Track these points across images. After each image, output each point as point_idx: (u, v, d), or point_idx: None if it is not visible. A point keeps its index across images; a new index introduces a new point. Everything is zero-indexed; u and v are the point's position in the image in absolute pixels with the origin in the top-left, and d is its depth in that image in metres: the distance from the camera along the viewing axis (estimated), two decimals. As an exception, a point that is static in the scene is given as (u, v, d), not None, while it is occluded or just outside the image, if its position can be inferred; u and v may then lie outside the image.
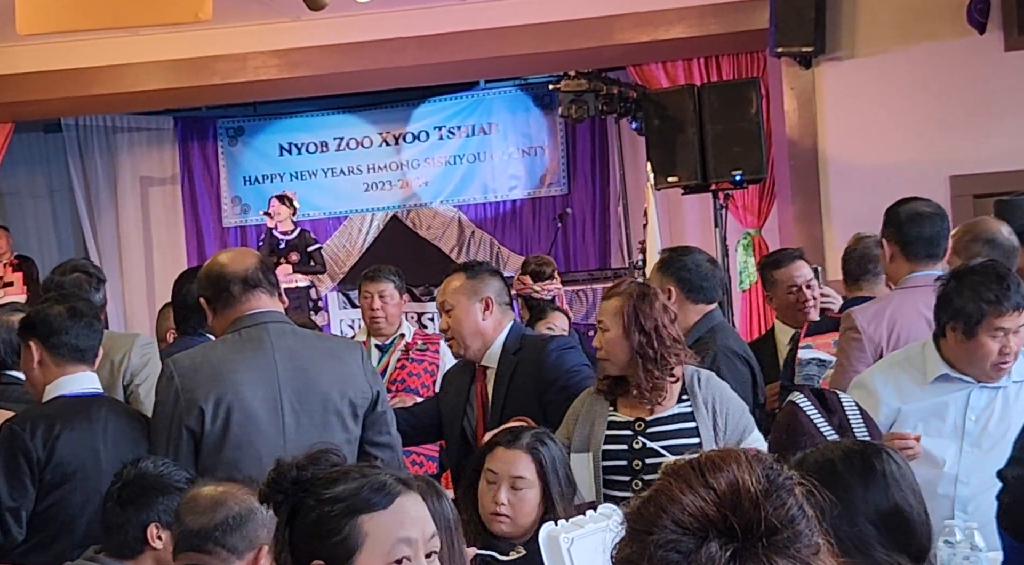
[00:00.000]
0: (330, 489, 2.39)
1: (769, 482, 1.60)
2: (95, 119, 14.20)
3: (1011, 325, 4.14)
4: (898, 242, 4.98)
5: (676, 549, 1.56)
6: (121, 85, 10.67)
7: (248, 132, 14.74)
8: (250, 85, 10.84)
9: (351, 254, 14.46)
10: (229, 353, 4.40)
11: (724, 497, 1.58)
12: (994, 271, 4.16)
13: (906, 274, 4.98)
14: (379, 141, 14.60)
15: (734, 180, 9.31)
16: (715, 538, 1.55)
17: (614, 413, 4.51)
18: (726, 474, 1.59)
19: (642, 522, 1.62)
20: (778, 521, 1.57)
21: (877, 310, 4.98)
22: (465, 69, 11.55)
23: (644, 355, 4.40)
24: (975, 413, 4.27)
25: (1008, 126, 9.03)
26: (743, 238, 10.86)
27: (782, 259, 6.27)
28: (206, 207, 14.62)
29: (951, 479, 4.25)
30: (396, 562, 2.36)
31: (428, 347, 6.98)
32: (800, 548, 1.57)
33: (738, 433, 4.49)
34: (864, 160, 9.33)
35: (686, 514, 1.58)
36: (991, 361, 4.20)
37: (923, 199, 5.13)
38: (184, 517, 3.34)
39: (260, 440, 4.30)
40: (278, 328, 4.44)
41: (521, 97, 14.28)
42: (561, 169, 14.25)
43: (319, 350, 4.51)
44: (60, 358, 4.44)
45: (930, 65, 9.26)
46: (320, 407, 4.39)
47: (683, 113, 9.43)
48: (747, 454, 1.64)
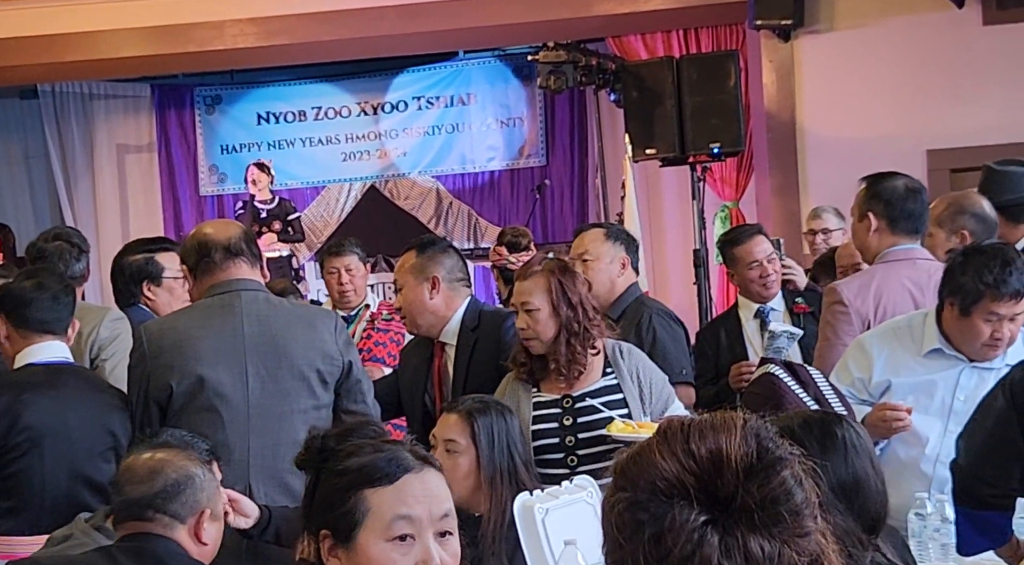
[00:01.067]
0: (345, 462, 2.41)
1: (759, 456, 1.55)
2: (71, 86, 14.11)
3: (1006, 312, 4.13)
4: (887, 217, 4.96)
5: (646, 509, 1.54)
6: (97, 51, 10.59)
7: (226, 100, 14.67)
8: (227, 53, 10.77)
9: (329, 224, 14.43)
10: (197, 319, 4.46)
11: (703, 465, 1.54)
12: (1002, 255, 4.14)
13: (888, 247, 4.98)
14: (357, 111, 14.56)
15: (712, 153, 9.30)
16: (687, 505, 1.52)
17: (538, 393, 4.50)
18: (711, 441, 1.56)
19: (624, 479, 1.60)
20: (760, 498, 1.52)
21: (862, 284, 4.98)
22: (444, 39, 11.50)
23: (571, 330, 4.40)
24: (964, 393, 4.27)
25: (986, 100, 9.05)
26: (721, 211, 10.88)
27: (740, 236, 6.26)
28: (183, 175, 14.56)
29: (932, 459, 4.27)
30: (398, 539, 2.35)
31: (393, 317, 7.00)
32: (784, 530, 1.52)
33: (662, 402, 4.52)
34: (842, 133, 9.34)
35: (661, 478, 1.55)
36: (981, 342, 4.21)
37: (903, 174, 5.14)
38: (123, 487, 3.33)
39: (223, 405, 4.35)
40: (251, 295, 4.46)
41: (500, 68, 14.25)
42: (539, 140, 14.24)
43: (290, 317, 4.53)
44: (26, 331, 4.47)
45: (909, 39, 9.28)
46: (286, 373, 4.41)
47: (661, 85, 9.41)
48: (749, 423, 1.59)
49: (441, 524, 2.40)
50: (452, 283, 5.07)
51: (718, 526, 1.51)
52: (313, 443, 2.52)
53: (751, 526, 1.51)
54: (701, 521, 1.51)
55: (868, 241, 5.07)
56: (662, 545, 1.51)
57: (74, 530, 3.69)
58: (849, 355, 4.51)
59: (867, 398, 4.36)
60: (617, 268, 5.61)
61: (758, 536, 1.51)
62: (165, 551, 3.26)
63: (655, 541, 1.52)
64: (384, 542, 2.34)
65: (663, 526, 1.52)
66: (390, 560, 2.34)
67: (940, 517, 3.81)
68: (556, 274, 4.46)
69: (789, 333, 4.27)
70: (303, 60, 12.54)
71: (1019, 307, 4.13)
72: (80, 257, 5.60)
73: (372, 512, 2.35)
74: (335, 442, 2.50)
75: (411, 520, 2.35)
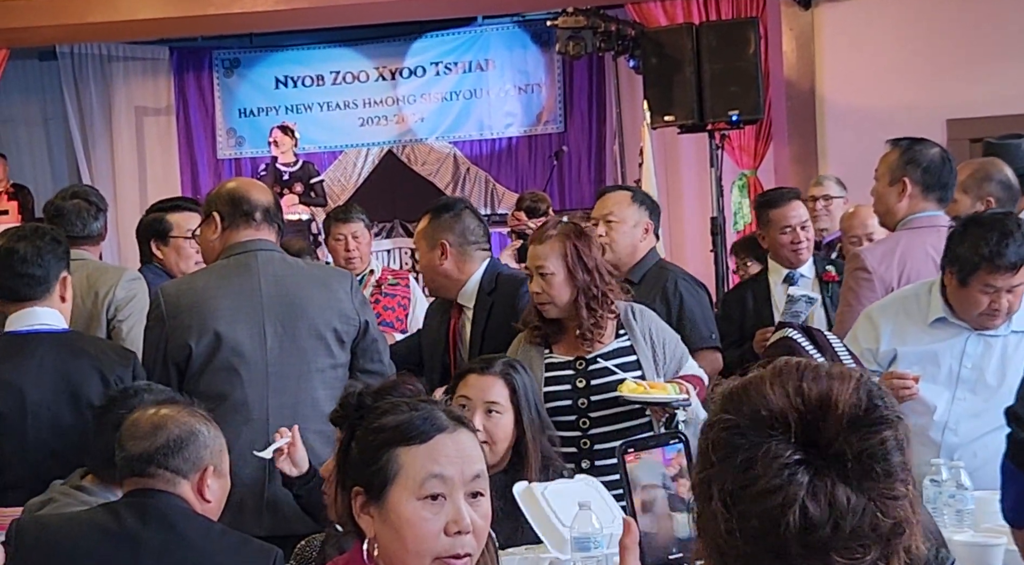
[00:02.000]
0: (380, 419, 2.43)
1: (867, 411, 1.55)
2: (90, 47, 14.11)
3: (1003, 284, 4.11)
4: (923, 184, 4.94)
5: (744, 435, 1.55)
6: (116, 13, 10.59)
7: (244, 64, 14.66)
8: (246, 16, 10.77)
9: (346, 188, 14.44)
10: (214, 279, 4.48)
11: (810, 405, 1.55)
12: (1001, 226, 4.10)
13: (914, 213, 4.97)
14: (375, 76, 14.54)
15: (730, 120, 9.28)
16: (785, 441, 1.53)
17: (551, 355, 4.50)
18: (823, 385, 1.56)
19: (728, 402, 1.61)
20: (858, 451, 1.53)
21: (886, 250, 4.97)
22: (463, 4, 11.50)
23: (588, 293, 4.39)
24: (971, 361, 4.27)
25: (1006, 70, 9.01)
26: (738, 179, 10.85)
27: (778, 199, 6.24)
28: (201, 138, 14.57)
29: (940, 426, 4.26)
30: (430, 498, 2.36)
31: (399, 281, 7.09)
32: (873, 487, 1.52)
33: (676, 362, 4.53)
34: (861, 102, 9.31)
35: (765, 408, 1.56)
36: (979, 312, 4.19)
37: (932, 141, 5.13)
38: (125, 443, 3.30)
39: (242, 364, 4.37)
40: (267, 255, 4.49)
41: (519, 34, 14.21)
42: (558, 107, 14.21)
43: (306, 277, 4.55)
44: (3, 298, 4.33)
45: (929, 7, 9.23)
46: (304, 332, 4.43)
47: (681, 52, 9.38)
48: (864, 378, 1.59)
49: (473, 485, 2.41)
50: (464, 247, 5.07)
51: (810, 468, 1.52)
52: (349, 400, 2.53)
53: (842, 475, 1.52)
54: (795, 459, 1.52)
55: (896, 206, 5.02)
56: (751, 472, 1.53)
57: (52, 494, 3.67)
58: (858, 326, 4.50)
59: (876, 368, 4.35)
60: (640, 232, 5.59)
61: (847, 486, 1.52)
62: (168, 506, 3.24)
63: (746, 467, 1.54)
64: (416, 500, 2.35)
65: (757, 454, 1.53)
66: (421, 518, 2.35)
67: (955, 483, 3.81)
68: (571, 238, 4.44)
69: (808, 298, 4.27)
70: (322, 24, 12.53)
71: (1017, 278, 4.10)
72: (98, 216, 5.51)
73: (404, 470, 2.36)
74: (372, 399, 2.51)
75: (443, 479, 2.36)
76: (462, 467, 2.40)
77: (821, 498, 1.51)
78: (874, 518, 1.52)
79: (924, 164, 4.95)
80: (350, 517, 2.44)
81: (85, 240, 5.36)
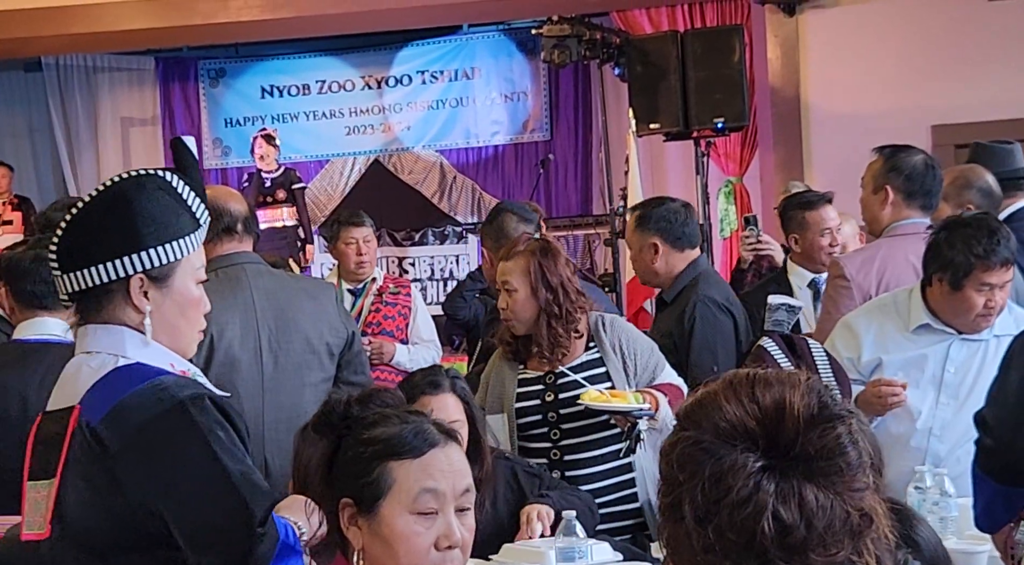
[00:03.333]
0: (371, 431, 2.40)
1: (820, 410, 1.58)
2: (75, 58, 14.09)
3: (997, 281, 4.14)
4: (905, 191, 4.94)
5: (706, 450, 1.58)
6: (101, 24, 10.59)
7: (230, 74, 14.64)
8: (232, 26, 10.77)
9: (332, 198, 14.42)
10: (208, 293, 4.42)
11: (766, 412, 1.58)
12: (987, 225, 4.15)
13: (898, 221, 4.96)
14: (361, 84, 14.53)
15: (716, 127, 9.31)
16: (747, 449, 1.56)
17: (524, 371, 4.52)
18: (775, 391, 1.59)
19: (686, 420, 1.63)
20: (818, 448, 1.56)
21: (866, 258, 4.98)
22: (449, 13, 11.49)
23: (550, 312, 4.39)
24: (954, 365, 4.28)
25: (990, 76, 9.04)
26: (724, 186, 10.87)
27: (816, 201, 6.11)
28: (187, 148, 14.52)
29: (924, 433, 4.27)
30: (422, 513, 2.35)
31: (400, 290, 7.04)
32: (837, 481, 1.56)
33: (649, 371, 4.52)
34: (846, 108, 9.34)
35: (724, 420, 1.58)
36: (975, 313, 4.21)
37: (918, 148, 5.13)
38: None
39: (239, 378, 4.33)
40: (255, 269, 4.47)
41: (504, 42, 14.21)
42: (544, 115, 14.21)
43: (295, 290, 4.55)
44: (22, 304, 4.34)
45: (913, 14, 9.26)
46: (298, 346, 4.42)
47: (666, 60, 9.41)
48: (807, 379, 1.63)
49: (462, 500, 2.41)
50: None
51: (775, 472, 1.55)
52: (335, 408, 2.47)
53: (807, 474, 1.55)
54: (758, 467, 1.55)
55: (880, 214, 5.02)
56: (720, 486, 1.55)
57: None
58: (836, 335, 4.49)
59: (857, 377, 4.34)
60: (650, 254, 5.33)
61: (813, 485, 1.55)
62: None
63: (714, 481, 1.56)
64: (408, 515, 2.35)
65: (723, 467, 1.56)
66: (413, 533, 2.35)
67: (939, 490, 3.82)
68: (537, 255, 4.43)
69: (788, 306, 4.25)
70: (307, 33, 12.53)
71: (1008, 274, 4.15)
72: None
73: (398, 484, 2.35)
74: (359, 409, 2.47)
75: (436, 494, 2.36)
76: (454, 481, 2.39)
77: (791, 501, 1.54)
78: (843, 512, 1.55)
79: (906, 171, 4.95)
80: (336, 529, 2.42)
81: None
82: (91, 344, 2.71)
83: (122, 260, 2.67)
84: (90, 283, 2.68)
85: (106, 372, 2.65)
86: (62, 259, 2.70)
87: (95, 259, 2.67)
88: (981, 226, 4.15)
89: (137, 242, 2.68)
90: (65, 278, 2.70)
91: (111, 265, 2.67)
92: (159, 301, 2.73)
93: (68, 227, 2.71)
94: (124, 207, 2.71)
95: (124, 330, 2.70)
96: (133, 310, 2.70)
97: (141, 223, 2.69)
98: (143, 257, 2.68)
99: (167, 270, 2.73)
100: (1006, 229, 4.19)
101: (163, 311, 2.73)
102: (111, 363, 2.67)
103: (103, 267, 2.67)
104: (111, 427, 2.59)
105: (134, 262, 2.68)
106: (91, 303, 2.72)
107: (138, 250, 2.68)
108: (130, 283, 2.69)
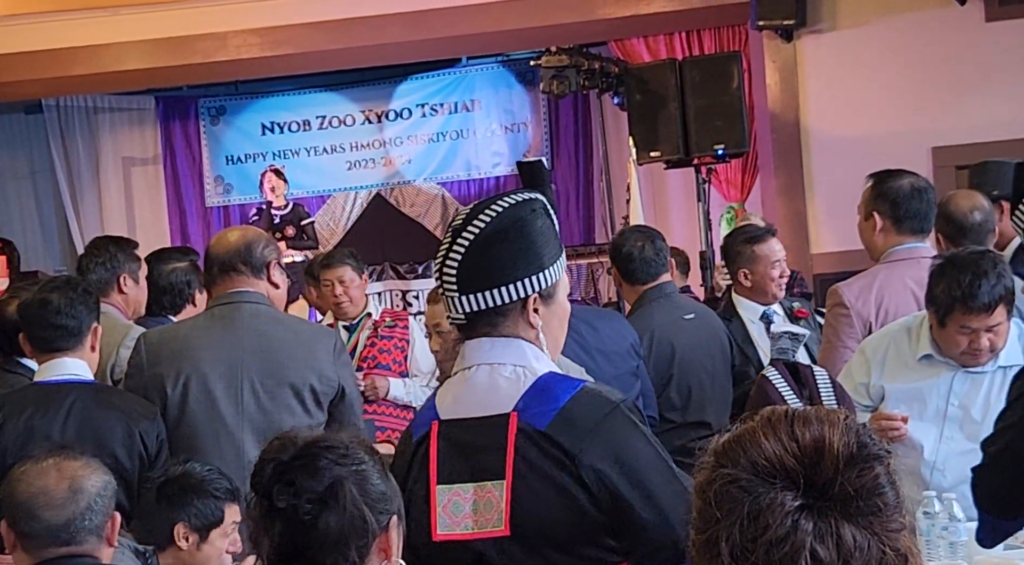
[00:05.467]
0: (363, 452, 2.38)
1: (859, 449, 1.59)
2: (76, 100, 14.12)
3: (978, 325, 4.04)
4: (892, 217, 4.90)
5: (744, 488, 1.57)
6: (101, 65, 10.61)
7: (230, 111, 14.67)
8: (231, 64, 10.79)
9: (335, 232, 14.43)
10: (197, 330, 4.53)
11: (805, 451, 1.58)
12: (975, 266, 4.01)
13: (892, 247, 4.93)
14: (362, 119, 14.55)
15: (716, 154, 9.32)
16: (787, 488, 1.56)
17: None
18: (814, 430, 1.60)
19: (723, 457, 1.63)
20: (856, 488, 1.56)
21: (864, 285, 4.93)
22: (447, 46, 11.51)
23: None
24: (958, 399, 4.21)
25: (990, 97, 9.05)
26: (726, 212, 10.88)
27: (763, 234, 6.11)
28: (189, 187, 14.57)
29: (928, 466, 4.21)
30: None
31: (397, 323, 6.98)
32: (874, 521, 1.56)
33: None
34: (846, 132, 9.34)
35: (763, 458, 1.58)
36: (959, 351, 4.14)
37: (910, 172, 5.07)
38: (38, 512, 3.17)
39: (217, 417, 4.39)
40: (252, 309, 4.50)
41: (504, 73, 14.24)
42: (544, 145, 14.23)
43: (289, 334, 4.55)
44: (35, 348, 4.42)
45: (911, 37, 9.27)
46: (282, 390, 4.44)
47: (665, 88, 9.43)
48: (846, 418, 1.63)
49: None
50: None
51: (812, 511, 1.55)
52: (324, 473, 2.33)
53: (845, 514, 1.55)
54: (796, 506, 1.55)
55: (874, 240, 5.01)
56: (758, 524, 1.55)
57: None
58: (853, 361, 4.47)
59: (869, 404, 4.31)
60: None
61: (851, 524, 1.55)
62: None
63: (752, 519, 1.56)
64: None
65: (761, 505, 1.56)
66: None
67: (948, 515, 3.80)
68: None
69: (791, 334, 4.23)
70: (306, 70, 12.55)
71: (994, 319, 4.02)
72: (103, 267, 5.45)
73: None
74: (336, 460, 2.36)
75: None
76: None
77: (828, 540, 1.54)
78: (880, 552, 1.56)
79: (891, 197, 4.91)
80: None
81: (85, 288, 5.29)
82: (496, 356, 2.87)
83: (523, 282, 2.83)
84: (490, 304, 2.84)
85: (531, 382, 2.81)
86: (461, 283, 2.87)
87: (497, 281, 2.83)
88: (968, 267, 4.02)
89: (538, 263, 2.85)
90: (462, 299, 2.86)
91: (513, 287, 2.83)
92: (547, 317, 2.90)
93: (467, 252, 2.87)
94: (523, 231, 2.87)
95: (523, 343, 2.86)
96: (527, 325, 2.87)
97: (540, 245, 2.86)
98: (540, 278, 2.85)
99: (553, 288, 2.90)
100: (1001, 271, 4.04)
101: (550, 326, 2.91)
102: (522, 374, 2.83)
103: (505, 289, 2.84)
104: (563, 431, 2.72)
105: (533, 283, 2.84)
106: (484, 319, 2.87)
107: (538, 271, 2.85)
108: (527, 302, 2.85)
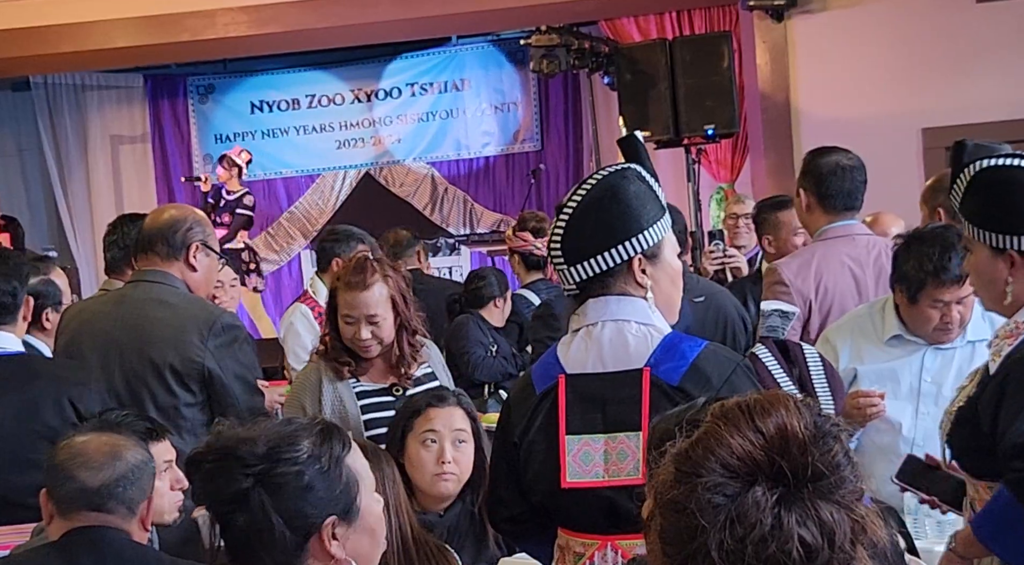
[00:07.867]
0: (299, 448, 2.28)
1: (816, 428, 1.61)
2: (64, 77, 14.07)
3: (950, 297, 4.10)
4: (816, 194, 4.98)
5: (723, 492, 1.57)
6: (89, 42, 10.54)
7: (218, 90, 14.63)
8: (220, 42, 10.73)
9: (324, 212, 14.41)
10: (96, 305, 4.87)
11: (772, 441, 1.58)
12: (942, 240, 4.07)
13: (824, 225, 5.00)
14: (351, 98, 14.53)
15: (706, 134, 9.30)
16: (762, 482, 1.57)
17: (359, 383, 4.38)
18: (775, 418, 1.60)
19: (690, 464, 1.61)
20: (824, 466, 1.58)
21: (802, 263, 4.99)
22: (437, 24, 11.46)
23: (408, 326, 4.37)
24: (930, 375, 4.27)
25: (981, 78, 9.03)
26: (716, 192, 10.88)
27: (787, 202, 6.24)
28: (177, 165, 14.53)
29: (908, 443, 4.23)
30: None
31: None
32: (844, 494, 1.58)
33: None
34: (836, 113, 9.32)
35: (734, 457, 1.58)
36: (932, 327, 4.19)
37: (843, 149, 5.11)
38: (74, 471, 3.06)
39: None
40: (148, 288, 4.62)
41: (494, 53, 14.22)
42: (534, 125, 14.22)
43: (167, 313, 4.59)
44: None
45: (902, 17, 9.25)
46: (143, 367, 4.54)
47: (655, 68, 9.40)
48: (795, 400, 1.65)
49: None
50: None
51: (790, 499, 1.56)
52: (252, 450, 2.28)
53: (819, 494, 1.57)
54: (775, 498, 1.56)
55: (805, 217, 5.13)
56: (744, 524, 1.56)
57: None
58: (817, 349, 4.49)
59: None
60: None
61: (826, 503, 1.57)
62: (121, 545, 3.05)
63: (738, 520, 1.56)
64: (376, 494, 2.42)
65: (743, 506, 1.56)
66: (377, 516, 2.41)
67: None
68: (391, 277, 4.36)
69: (780, 311, 4.23)
70: (296, 48, 12.51)
71: (964, 290, 4.06)
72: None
73: (359, 473, 2.36)
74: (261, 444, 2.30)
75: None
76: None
77: (811, 525, 1.56)
78: (851, 522, 1.58)
79: (816, 174, 4.98)
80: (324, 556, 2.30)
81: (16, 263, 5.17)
82: (622, 313, 3.03)
83: (624, 245, 2.99)
84: (596, 270, 3.00)
85: (658, 340, 2.99)
86: (568, 255, 3.03)
87: (600, 247, 2.99)
88: (936, 241, 4.08)
89: (637, 226, 3.00)
90: (571, 270, 3.03)
91: (616, 250, 2.99)
92: (656, 275, 3.05)
93: (568, 226, 3.02)
94: (618, 197, 3.01)
95: (639, 301, 3.03)
96: (636, 286, 3.03)
97: (636, 208, 3.01)
98: (642, 239, 3.01)
99: (657, 248, 3.05)
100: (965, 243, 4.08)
101: (661, 285, 3.06)
102: (648, 332, 3.01)
103: (608, 254, 3.00)
104: (695, 385, 2.90)
105: (635, 244, 3.00)
106: (595, 284, 3.04)
107: (638, 233, 3.00)
108: (632, 263, 3.01)
